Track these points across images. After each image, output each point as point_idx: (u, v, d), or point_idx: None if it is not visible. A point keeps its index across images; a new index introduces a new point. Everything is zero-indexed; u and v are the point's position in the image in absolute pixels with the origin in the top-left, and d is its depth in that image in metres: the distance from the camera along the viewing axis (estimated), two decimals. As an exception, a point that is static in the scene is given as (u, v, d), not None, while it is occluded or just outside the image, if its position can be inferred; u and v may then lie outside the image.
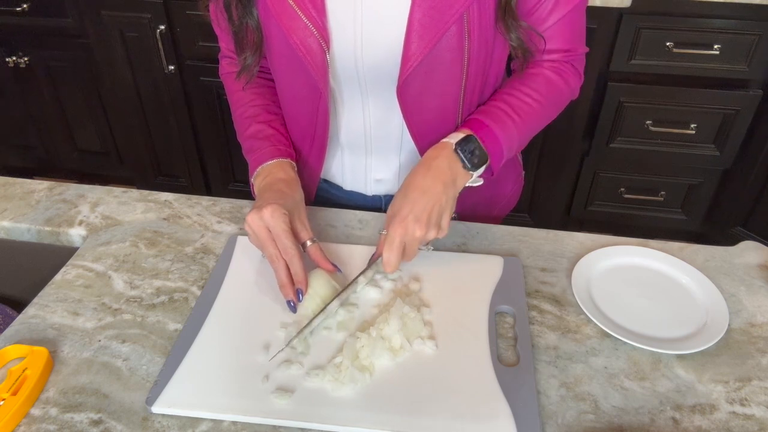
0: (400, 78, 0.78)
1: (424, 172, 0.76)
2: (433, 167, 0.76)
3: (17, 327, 0.73)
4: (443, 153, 0.77)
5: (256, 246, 0.75)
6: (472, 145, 0.78)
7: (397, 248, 0.73)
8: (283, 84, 0.87)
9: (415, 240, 0.73)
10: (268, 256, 0.73)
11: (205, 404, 0.63)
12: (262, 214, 0.72)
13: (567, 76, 0.86)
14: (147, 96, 2.09)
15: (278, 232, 0.72)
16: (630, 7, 1.70)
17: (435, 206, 0.74)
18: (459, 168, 0.77)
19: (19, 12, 2.01)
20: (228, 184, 2.29)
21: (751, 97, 1.80)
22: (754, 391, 0.66)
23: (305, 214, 0.79)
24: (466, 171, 0.78)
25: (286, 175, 0.82)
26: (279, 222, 0.72)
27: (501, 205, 1.05)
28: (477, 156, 0.78)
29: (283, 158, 0.85)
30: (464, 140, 0.78)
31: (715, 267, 0.82)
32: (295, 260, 0.72)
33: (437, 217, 0.74)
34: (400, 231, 0.73)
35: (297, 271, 0.72)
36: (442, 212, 0.75)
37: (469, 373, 0.66)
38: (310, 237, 0.77)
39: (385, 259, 0.73)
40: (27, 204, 0.94)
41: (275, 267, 0.73)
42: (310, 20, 0.76)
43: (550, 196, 2.10)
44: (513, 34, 0.77)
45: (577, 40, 0.85)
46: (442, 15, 0.73)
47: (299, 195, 0.81)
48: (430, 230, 0.74)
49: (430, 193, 0.74)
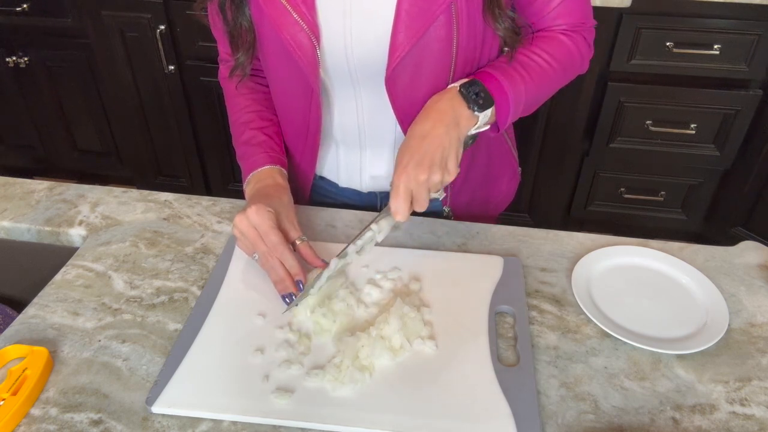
0: (388, 69, 0.78)
1: (424, 118, 0.75)
2: (434, 110, 0.75)
3: (17, 327, 0.73)
4: (446, 96, 0.76)
5: (245, 250, 0.76)
6: (477, 87, 0.76)
7: (403, 195, 0.72)
8: (276, 82, 0.88)
9: (420, 184, 0.72)
10: (260, 255, 0.74)
11: (205, 404, 0.63)
12: (248, 214, 0.74)
13: (579, 43, 0.85)
14: (147, 96, 2.09)
15: (265, 229, 0.73)
16: (630, 7, 1.70)
17: (437, 149, 0.73)
18: (463, 109, 0.75)
19: (19, 12, 2.01)
20: (228, 184, 2.29)
21: (751, 97, 1.80)
22: (754, 391, 0.66)
23: (294, 215, 0.80)
24: (470, 113, 0.75)
25: (274, 182, 0.84)
26: (265, 219, 0.73)
27: (497, 201, 1.05)
28: (482, 98, 0.76)
29: (273, 165, 0.86)
30: (468, 82, 0.77)
31: (715, 267, 0.82)
32: (286, 255, 0.73)
33: (441, 159, 0.73)
34: (403, 178, 0.72)
35: (292, 265, 0.73)
36: (445, 154, 0.73)
37: (469, 373, 0.66)
38: (299, 236, 0.78)
39: (393, 208, 0.72)
40: (27, 204, 0.94)
41: (269, 265, 0.73)
42: (300, 16, 0.76)
43: (550, 196, 2.10)
44: (500, 25, 0.77)
45: (585, 14, 0.85)
46: (429, 5, 0.74)
47: (287, 198, 0.82)
48: (433, 173, 0.72)
49: (431, 137, 0.73)
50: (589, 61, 0.89)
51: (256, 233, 0.74)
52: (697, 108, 1.85)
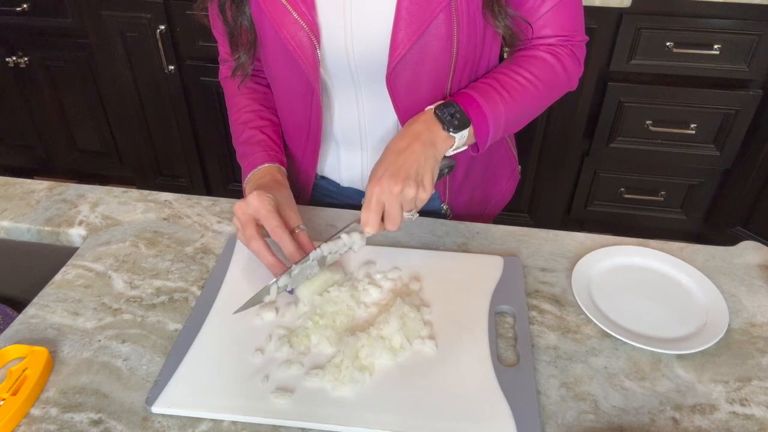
0: (388, 67, 0.78)
1: (401, 137, 0.75)
2: (410, 131, 0.75)
3: (17, 327, 0.73)
4: (422, 117, 0.77)
5: (241, 239, 0.75)
6: (452, 108, 0.76)
7: (374, 207, 0.71)
8: (277, 82, 0.88)
9: (393, 197, 0.71)
10: (249, 239, 0.73)
11: (205, 404, 0.63)
12: (248, 200, 0.73)
13: (564, 60, 0.84)
14: (147, 96, 2.09)
15: (264, 212, 0.73)
16: (630, 7, 1.70)
17: (413, 164, 0.72)
18: (438, 129, 0.75)
19: (19, 12, 2.01)
20: (228, 184, 2.29)
21: (751, 97, 1.80)
22: (754, 391, 0.66)
23: (294, 204, 0.80)
24: (446, 134, 0.75)
25: (273, 179, 0.83)
26: (264, 203, 0.73)
27: (496, 199, 1.05)
28: (458, 119, 0.76)
29: (272, 163, 0.86)
30: (444, 104, 0.77)
31: (715, 267, 0.82)
32: (285, 238, 0.72)
33: (416, 173, 0.72)
34: (376, 189, 0.71)
35: (292, 252, 0.73)
36: (421, 170, 0.73)
37: (469, 373, 0.66)
38: (298, 225, 0.77)
39: (363, 219, 0.72)
40: (27, 204, 0.94)
41: (258, 249, 0.72)
42: (300, 16, 0.77)
43: (550, 196, 2.10)
44: (500, 23, 0.77)
45: (575, 27, 0.84)
46: (429, 3, 0.74)
47: (287, 191, 0.82)
48: (408, 186, 0.71)
49: (407, 153, 0.73)
50: (578, 79, 0.88)
51: (251, 218, 0.73)
52: (697, 108, 1.85)
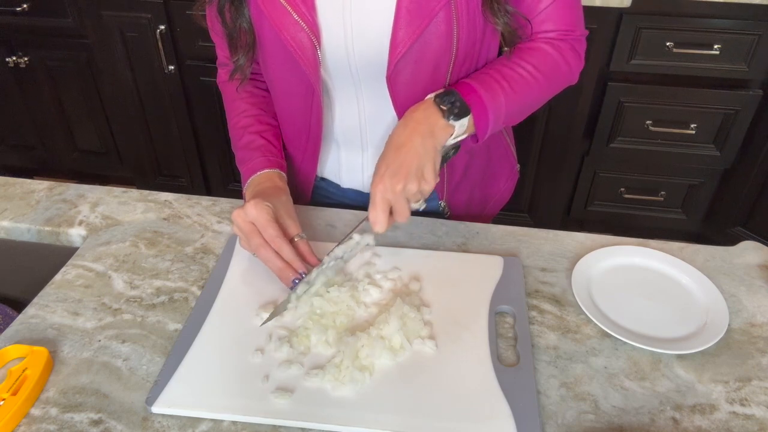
0: (389, 66, 0.78)
1: (401, 130, 0.76)
2: (410, 120, 0.76)
3: (17, 327, 0.73)
4: (421, 106, 0.77)
5: (246, 247, 0.76)
6: (452, 96, 0.77)
7: (380, 205, 0.72)
8: (277, 84, 0.88)
9: (398, 194, 0.72)
10: (255, 247, 0.74)
11: (205, 404, 0.63)
12: (246, 209, 0.74)
13: (565, 54, 0.84)
14: (147, 96, 2.09)
15: (262, 222, 0.73)
16: (630, 7, 1.70)
17: (413, 159, 0.73)
18: (437, 118, 0.76)
19: (19, 12, 2.01)
20: (228, 184, 2.30)
21: (751, 97, 1.80)
22: (754, 391, 0.66)
23: (293, 211, 0.80)
24: (445, 122, 0.76)
25: (273, 184, 0.84)
26: (263, 213, 0.73)
27: (496, 198, 1.05)
28: (457, 107, 0.76)
29: (272, 168, 0.86)
30: (444, 92, 0.77)
31: (715, 267, 0.82)
32: (284, 247, 0.73)
33: (417, 168, 0.73)
34: (380, 188, 0.73)
35: (291, 258, 0.73)
36: (421, 164, 0.74)
37: (469, 373, 0.66)
38: (297, 233, 0.77)
39: (372, 219, 0.73)
40: (27, 204, 0.94)
41: (266, 257, 0.73)
42: (301, 17, 0.77)
43: (550, 196, 2.10)
44: (499, 20, 0.77)
45: (575, 21, 0.84)
46: (428, 2, 0.74)
47: (286, 197, 0.82)
48: (410, 182, 0.72)
49: (406, 147, 0.74)
50: (579, 73, 0.88)
51: (254, 227, 0.74)
52: (697, 108, 1.85)
